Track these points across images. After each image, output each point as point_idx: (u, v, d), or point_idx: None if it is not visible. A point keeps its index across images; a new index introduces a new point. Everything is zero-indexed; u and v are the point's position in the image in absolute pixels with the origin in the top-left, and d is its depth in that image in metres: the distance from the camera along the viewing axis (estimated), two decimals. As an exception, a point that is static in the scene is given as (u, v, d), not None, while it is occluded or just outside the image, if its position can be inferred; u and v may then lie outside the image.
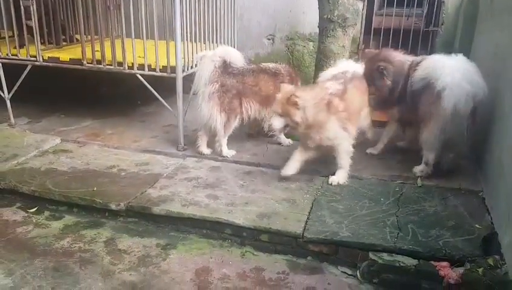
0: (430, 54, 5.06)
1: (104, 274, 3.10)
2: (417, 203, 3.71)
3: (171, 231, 3.62)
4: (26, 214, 3.83)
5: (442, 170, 4.14)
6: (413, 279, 2.98)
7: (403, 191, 3.90)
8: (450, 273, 2.90)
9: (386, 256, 3.07)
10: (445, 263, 2.96)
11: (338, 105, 3.90)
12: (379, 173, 4.23)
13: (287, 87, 3.91)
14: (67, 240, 3.48)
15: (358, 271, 3.15)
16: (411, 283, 2.99)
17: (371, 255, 3.10)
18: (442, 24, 5.98)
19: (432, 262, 3.00)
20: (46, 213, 3.85)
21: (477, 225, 3.37)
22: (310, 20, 5.95)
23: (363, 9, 5.44)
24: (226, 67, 4.50)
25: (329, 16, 4.74)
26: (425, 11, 6.25)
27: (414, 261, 3.01)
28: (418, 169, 4.14)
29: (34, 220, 3.74)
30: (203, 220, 3.55)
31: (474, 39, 5.16)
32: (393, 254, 3.08)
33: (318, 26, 4.98)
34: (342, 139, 3.98)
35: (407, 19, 6.14)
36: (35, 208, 3.89)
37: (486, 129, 3.98)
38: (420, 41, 6.04)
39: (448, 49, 5.22)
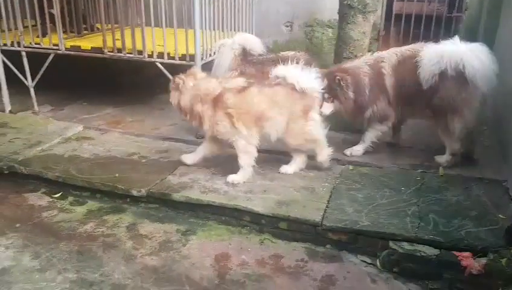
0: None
1: (127, 258, 3.17)
2: (439, 192, 3.67)
3: (191, 217, 3.66)
4: (51, 199, 3.91)
5: (472, 159, 4.08)
6: (434, 269, 2.96)
7: (424, 181, 3.86)
8: (472, 263, 2.86)
9: (406, 245, 3.05)
10: (467, 254, 2.93)
11: (227, 101, 3.78)
12: (400, 162, 4.19)
13: (192, 69, 4.00)
14: (90, 224, 3.55)
15: (378, 260, 3.15)
16: (432, 273, 2.97)
17: (391, 244, 3.08)
18: (465, 10, 5.86)
19: (454, 252, 2.97)
20: (70, 198, 3.93)
21: (500, 215, 3.32)
22: (329, 6, 5.89)
23: (384, -5, 5.35)
24: (245, 55, 4.49)
25: (349, 2, 4.67)
26: (448, -4, 6.14)
27: (435, 251, 2.99)
28: (444, 159, 4.06)
29: (58, 205, 3.83)
30: (222, 207, 3.59)
31: (499, 25, 5.03)
32: (414, 244, 3.06)
33: (338, 13, 4.92)
34: (235, 136, 3.83)
35: (429, 4, 6.04)
36: (60, 194, 3.97)
37: (511, 118, 3.91)
38: (443, 28, 5.94)
39: (473, 36, 5.12)
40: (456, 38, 3.85)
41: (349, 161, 4.24)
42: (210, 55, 4.86)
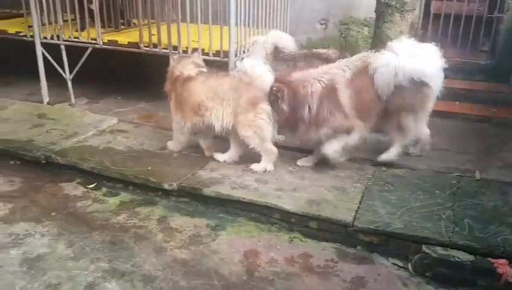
0: (494, 41, 4.83)
1: (157, 250, 3.21)
2: (475, 197, 3.58)
3: (220, 213, 3.68)
4: (85, 190, 4.00)
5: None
6: (468, 275, 2.89)
7: (460, 184, 3.76)
8: (508, 271, 2.79)
9: (440, 250, 2.98)
10: (503, 261, 2.85)
11: (177, 86, 3.97)
12: (435, 165, 4.10)
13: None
14: (123, 216, 3.61)
15: (410, 264, 3.09)
16: (466, 279, 2.90)
17: (425, 248, 3.02)
18: (507, 10, 5.66)
19: (490, 259, 2.89)
20: (104, 189, 4.00)
21: (539, 222, 3.21)
22: (365, 4, 5.80)
23: (422, -6, 5.23)
24: (277, 52, 4.47)
25: (387, 1, 4.61)
26: (488, -4, 5.95)
27: (470, 257, 2.91)
28: (391, 154, 4.04)
29: (92, 196, 3.91)
30: (252, 204, 3.59)
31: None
32: (448, 249, 2.99)
33: (375, 11, 4.85)
34: (173, 122, 4.07)
35: (469, 5, 5.88)
36: (94, 184, 4.05)
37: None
38: (483, 29, 5.77)
39: (514, 37, 4.95)
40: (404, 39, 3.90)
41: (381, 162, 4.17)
42: (244, 52, 4.87)
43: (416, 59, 3.68)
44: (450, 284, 2.93)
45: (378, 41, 4.82)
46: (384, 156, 4.04)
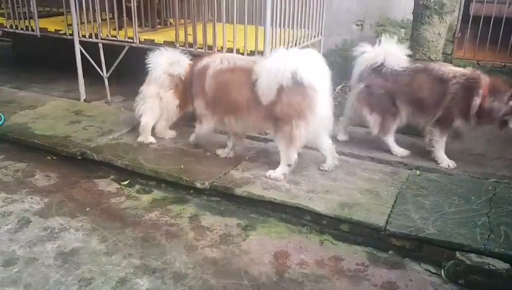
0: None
1: (188, 248, 3.24)
2: (511, 204, 3.48)
3: (251, 213, 3.69)
4: (119, 186, 4.08)
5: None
6: (503, 284, 2.81)
7: (497, 191, 3.66)
8: (545, 281, 2.70)
9: (474, 257, 2.91)
10: (541, 271, 2.76)
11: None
12: (471, 170, 4.00)
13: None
14: (155, 213, 3.67)
15: (442, 270, 3.03)
16: (501, 288, 2.82)
17: (458, 254, 2.95)
18: (551, 13, 5.47)
19: (526, 268, 2.81)
20: (137, 186, 4.08)
21: None
22: (402, 5, 5.71)
23: (462, -5, 5.11)
24: (378, 67, 4.28)
25: (425, 2, 4.50)
26: (531, -2, 5.76)
27: (506, 265, 2.84)
28: (277, 173, 3.90)
29: (126, 192, 3.99)
30: (283, 205, 3.59)
31: None
32: (483, 256, 2.92)
33: (412, 13, 4.76)
34: None
35: (509, 6, 5.70)
36: (128, 181, 4.13)
37: None
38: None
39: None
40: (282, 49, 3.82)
41: (416, 165, 4.10)
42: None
43: (297, 61, 3.61)
44: (484, 293, 2.86)
45: (415, 43, 4.72)
46: (270, 173, 3.93)
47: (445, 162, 4.11)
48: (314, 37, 5.80)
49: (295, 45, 5.24)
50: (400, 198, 3.58)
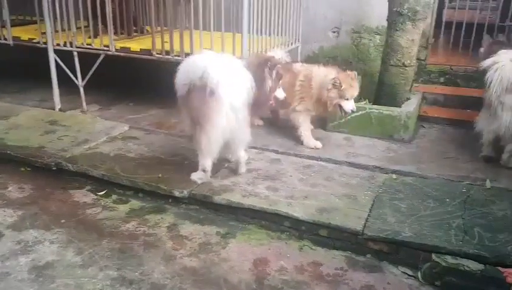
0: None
1: (166, 258, 3.21)
2: (485, 206, 3.55)
3: (231, 220, 3.68)
4: (95, 197, 4.01)
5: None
6: (478, 284, 2.86)
7: (470, 193, 3.73)
8: (518, 281, 2.76)
9: (450, 259, 2.96)
10: (513, 270, 2.82)
11: None
12: (445, 173, 4.07)
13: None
14: (132, 223, 3.63)
15: (419, 272, 3.07)
16: (475, 288, 2.87)
17: (434, 257, 3.00)
18: (519, 18, 5.63)
19: (499, 268, 2.86)
20: (114, 197, 4.02)
21: (550, 232, 3.18)
22: (377, 13, 5.79)
23: (434, 2, 5.21)
24: None
25: (399, 9, 4.60)
26: (500, 4, 5.91)
27: (480, 266, 2.89)
28: (195, 177, 3.92)
29: (102, 203, 3.92)
30: (263, 212, 3.58)
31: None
32: (458, 257, 2.96)
33: (387, 19, 4.85)
34: None
35: (480, 13, 5.84)
36: (104, 191, 4.07)
37: None
38: (495, 37, 5.72)
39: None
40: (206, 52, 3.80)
41: (392, 169, 4.15)
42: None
43: (211, 63, 3.55)
44: (459, 294, 2.90)
45: (389, 50, 4.81)
46: (193, 175, 3.94)
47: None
48: (292, 44, 5.85)
49: (272, 51, 5.28)
50: (376, 202, 3.62)
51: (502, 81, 3.96)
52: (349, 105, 4.34)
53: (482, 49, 4.72)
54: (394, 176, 4.05)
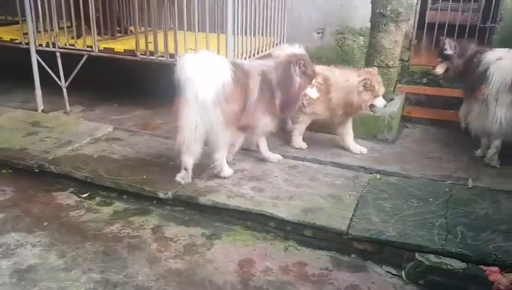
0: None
1: (151, 260, 3.19)
2: (467, 205, 3.60)
3: (216, 222, 3.67)
4: (79, 199, 3.97)
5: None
6: (460, 283, 2.90)
7: (453, 192, 3.78)
8: (499, 279, 2.80)
9: (433, 258, 2.99)
10: (495, 268, 2.87)
11: None
12: (429, 173, 4.12)
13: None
14: (116, 225, 3.60)
15: (403, 272, 3.09)
16: (458, 287, 2.90)
17: (418, 256, 3.03)
18: (500, 20, 5.71)
19: (481, 266, 2.91)
20: (98, 199, 3.98)
21: (531, 231, 3.23)
22: (361, 14, 5.84)
23: (416, 4, 5.27)
24: None
25: (382, 11, 4.64)
26: (482, 6, 6.01)
27: (462, 265, 2.93)
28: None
29: (85, 205, 3.89)
30: (248, 212, 3.58)
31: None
32: (441, 256, 3.00)
33: (370, 21, 4.89)
34: None
35: (463, 14, 5.93)
36: (87, 194, 4.03)
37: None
38: (476, 38, 5.82)
39: (507, 47, 4.98)
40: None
41: (376, 169, 4.18)
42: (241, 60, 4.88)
43: (189, 59, 3.62)
44: (443, 293, 2.94)
45: (373, 51, 4.85)
46: (177, 176, 3.94)
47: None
48: (277, 44, 5.86)
49: (257, 52, 5.28)
50: (361, 202, 3.64)
51: (506, 78, 4.03)
52: (381, 101, 4.34)
53: (449, 50, 4.66)
54: (378, 176, 4.09)
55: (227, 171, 4.02)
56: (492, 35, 5.80)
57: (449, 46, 4.47)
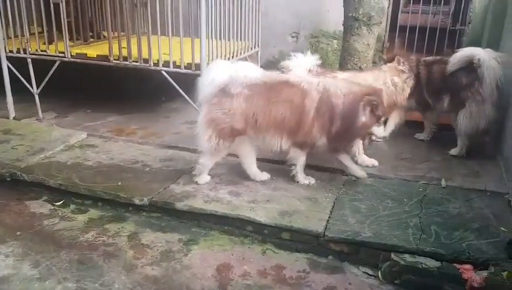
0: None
1: (127, 268, 3.15)
2: (441, 204, 3.67)
3: (193, 227, 3.65)
4: (53, 207, 3.91)
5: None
6: (435, 281, 2.94)
7: (427, 192, 3.85)
8: (473, 276, 2.85)
9: (408, 257, 3.03)
10: (468, 266, 2.92)
11: None
12: (402, 173, 4.19)
13: None
14: (91, 233, 3.54)
15: (379, 272, 3.13)
16: (433, 285, 2.95)
17: (393, 256, 3.07)
18: (469, 23, 5.86)
19: (455, 265, 2.96)
20: (72, 206, 3.92)
21: (502, 228, 3.32)
22: (334, 18, 5.92)
23: (388, 7, 5.37)
24: None
25: (354, 14, 4.71)
26: (452, 9, 6.15)
27: (437, 263, 2.97)
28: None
29: (60, 213, 3.82)
30: (225, 217, 3.58)
31: (502, 38, 5.04)
32: (416, 256, 3.05)
33: (343, 24, 4.96)
34: None
35: (434, 17, 6.06)
36: (62, 202, 3.96)
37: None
38: (446, 40, 5.95)
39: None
40: None
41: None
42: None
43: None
44: (418, 291, 2.98)
45: (346, 54, 4.91)
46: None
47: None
48: (251, 48, 5.88)
49: (232, 56, 5.29)
50: (337, 204, 3.68)
51: (495, 77, 4.17)
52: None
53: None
54: (354, 177, 4.13)
55: (203, 178, 4.02)
56: (462, 37, 5.94)
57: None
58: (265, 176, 4.08)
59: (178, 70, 4.76)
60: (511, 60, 4.28)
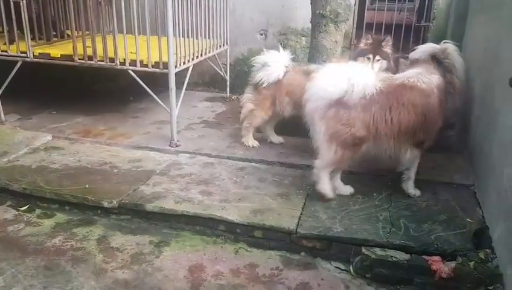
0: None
1: (97, 272, 3.08)
2: (409, 198, 3.74)
3: (165, 228, 3.60)
4: (17, 213, 3.79)
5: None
6: (405, 274, 3.00)
7: (395, 186, 3.90)
8: (442, 267, 2.92)
9: (378, 251, 3.08)
10: (437, 258, 2.99)
11: None
12: (372, 168, 4.23)
13: None
14: (59, 238, 3.45)
15: (351, 266, 3.17)
16: (403, 278, 3.00)
17: (364, 250, 3.11)
18: (433, 19, 5.99)
19: (424, 257, 3.02)
20: (38, 211, 3.81)
21: (468, 219, 3.40)
22: (302, 15, 5.94)
23: (355, 4, 5.44)
24: None
25: (321, 12, 4.73)
26: (416, 6, 6.28)
27: (406, 256, 3.03)
28: None
29: (25, 219, 3.71)
30: (197, 217, 3.54)
31: (465, 34, 5.18)
32: (386, 249, 3.09)
33: (310, 22, 4.97)
34: None
35: (399, 14, 6.16)
36: (27, 206, 3.85)
37: (477, 123, 4.00)
38: (412, 36, 6.07)
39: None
40: None
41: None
42: (184, 63, 4.83)
43: None
44: (389, 284, 3.02)
45: (315, 51, 4.93)
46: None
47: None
48: (220, 46, 5.86)
49: (201, 55, 5.25)
50: (308, 200, 3.70)
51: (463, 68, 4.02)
52: None
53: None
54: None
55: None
56: (427, 33, 6.06)
57: None
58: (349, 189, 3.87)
59: (145, 69, 4.69)
60: (474, 55, 4.40)
